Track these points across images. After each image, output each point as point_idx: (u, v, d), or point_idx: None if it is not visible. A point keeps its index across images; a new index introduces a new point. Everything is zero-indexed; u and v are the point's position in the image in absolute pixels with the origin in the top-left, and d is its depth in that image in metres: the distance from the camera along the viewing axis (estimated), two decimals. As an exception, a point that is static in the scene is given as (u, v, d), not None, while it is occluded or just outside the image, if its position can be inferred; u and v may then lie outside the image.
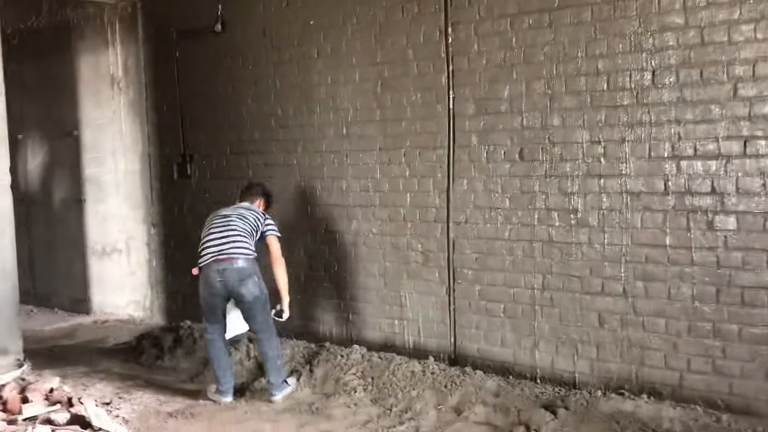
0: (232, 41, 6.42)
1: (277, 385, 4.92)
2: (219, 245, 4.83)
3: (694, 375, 4.32)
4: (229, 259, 4.78)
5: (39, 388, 4.64)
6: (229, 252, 4.80)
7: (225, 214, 5.03)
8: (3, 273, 5.38)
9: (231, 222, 4.94)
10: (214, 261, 4.80)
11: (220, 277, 4.78)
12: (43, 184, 8.21)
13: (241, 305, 4.89)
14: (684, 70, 4.28)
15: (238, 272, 4.78)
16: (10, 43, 6.92)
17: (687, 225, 4.32)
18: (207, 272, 4.84)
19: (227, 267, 4.78)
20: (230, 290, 4.81)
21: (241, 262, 4.79)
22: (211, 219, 5.05)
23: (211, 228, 4.95)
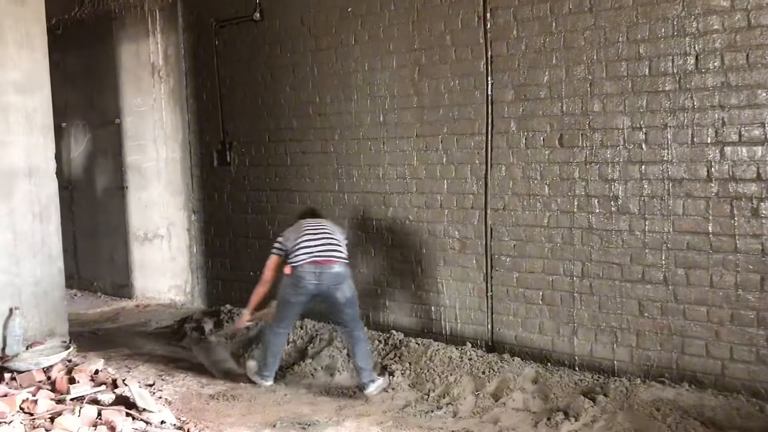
0: (271, 29, 6.47)
1: (368, 372, 4.82)
2: (317, 246, 4.82)
3: (737, 364, 4.26)
4: (328, 262, 4.78)
5: (85, 370, 4.77)
6: (328, 255, 4.80)
7: (316, 223, 5.07)
8: (49, 258, 5.53)
9: (325, 229, 4.98)
10: (312, 262, 4.78)
11: (316, 279, 4.77)
12: (86, 171, 8.39)
13: (331, 305, 4.90)
14: (729, 54, 4.20)
15: (335, 277, 4.79)
16: (54, 34, 7.08)
17: (731, 212, 4.25)
18: (301, 273, 4.78)
19: (324, 270, 4.77)
20: (322, 293, 4.83)
21: (337, 267, 4.80)
22: (302, 227, 5.02)
23: (306, 231, 4.94)
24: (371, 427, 4.24)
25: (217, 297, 7.16)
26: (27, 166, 5.39)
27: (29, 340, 5.35)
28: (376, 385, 4.78)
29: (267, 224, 6.67)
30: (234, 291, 7.01)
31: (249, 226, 6.83)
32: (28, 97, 5.40)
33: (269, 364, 5.03)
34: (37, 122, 5.45)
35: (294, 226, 5.11)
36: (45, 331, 5.48)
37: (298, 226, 5.07)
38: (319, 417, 4.40)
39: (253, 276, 6.76)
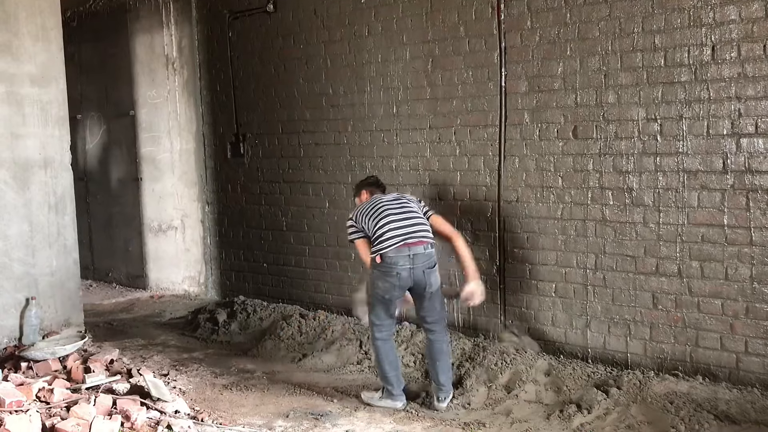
0: (284, 21, 6.47)
1: (447, 388, 4.42)
2: (404, 227, 4.31)
3: (751, 357, 4.23)
4: (420, 242, 4.28)
5: (100, 359, 4.82)
6: (418, 236, 4.30)
7: (393, 197, 4.52)
8: (65, 249, 5.57)
9: (406, 205, 4.45)
10: (404, 245, 4.26)
11: (410, 264, 4.24)
12: (101, 162, 8.44)
13: (421, 295, 4.38)
14: (746, 45, 4.15)
15: (428, 257, 4.30)
16: (69, 26, 7.12)
17: (746, 204, 4.21)
18: (394, 258, 4.25)
19: (418, 252, 4.26)
20: (417, 279, 4.28)
21: (429, 247, 4.33)
22: (376, 204, 4.46)
23: (385, 211, 4.38)
24: (384, 417, 4.25)
25: (231, 288, 7.20)
26: (43, 158, 5.43)
27: (45, 329, 5.40)
28: (449, 400, 4.42)
29: (280, 215, 6.69)
30: (247, 282, 7.05)
31: (262, 217, 6.86)
32: (44, 89, 5.43)
33: (391, 379, 4.41)
34: (52, 114, 5.49)
35: (364, 203, 4.58)
36: (61, 321, 5.53)
37: (370, 204, 4.50)
38: (332, 408, 4.42)
39: (266, 267, 6.83)
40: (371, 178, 4.98)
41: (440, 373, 4.41)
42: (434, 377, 4.45)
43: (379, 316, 4.42)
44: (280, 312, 6.26)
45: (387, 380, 4.42)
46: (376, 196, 4.60)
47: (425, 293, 4.34)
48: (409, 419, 4.22)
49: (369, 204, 4.50)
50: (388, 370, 4.41)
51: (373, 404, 4.44)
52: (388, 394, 4.42)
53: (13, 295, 5.26)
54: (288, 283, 6.68)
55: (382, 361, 4.43)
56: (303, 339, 5.66)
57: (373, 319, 4.46)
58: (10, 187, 5.26)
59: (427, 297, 4.36)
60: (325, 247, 6.35)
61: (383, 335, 4.44)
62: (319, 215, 6.37)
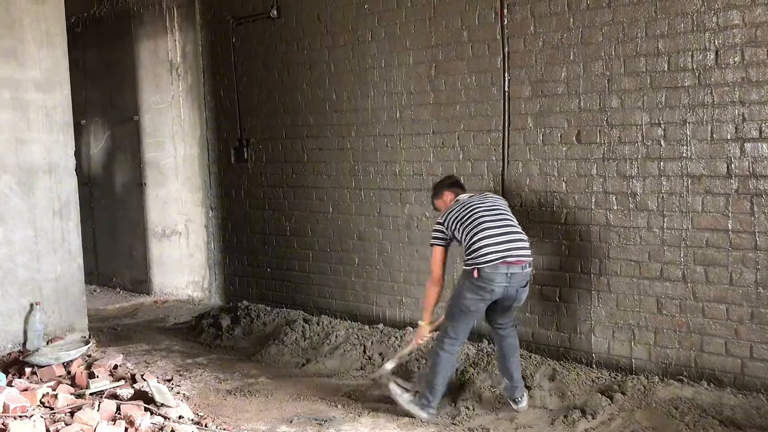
0: (288, 27, 6.48)
1: (521, 384, 4.33)
2: (504, 243, 4.07)
3: (756, 362, 4.22)
4: (519, 261, 4.06)
5: (104, 365, 4.83)
6: (519, 254, 4.07)
7: (490, 204, 4.26)
8: (69, 254, 5.59)
9: (504, 215, 4.22)
10: (503, 263, 4.02)
11: (507, 282, 4.04)
12: (105, 168, 8.46)
13: (504, 305, 4.23)
14: (750, 49, 4.15)
15: (525, 277, 4.12)
16: (73, 32, 7.15)
17: (750, 209, 4.20)
18: (490, 276, 4.01)
19: (517, 272, 4.05)
20: (508, 296, 4.12)
21: (528, 266, 4.14)
22: (471, 210, 4.19)
23: (483, 220, 4.13)
24: (388, 423, 4.24)
25: (235, 293, 7.20)
26: (47, 163, 5.45)
27: (49, 335, 5.41)
28: (527, 399, 4.32)
29: (284, 220, 6.70)
30: (251, 287, 7.05)
31: (266, 222, 6.86)
32: (48, 94, 5.46)
33: (436, 389, 4.22)
34: (57, 120, 5.51)
35: (455, 207, 4.29)
36: (65, 327, 5.55)
37: (463, 208, 4.22)
38: (336, 413, 4.41)
39: (270, 273, 6.83)
40: (451, 177, 4.73)
41: (513, 370, 4.29)
42: (508, 375, 4.29)
43: (457, 330, 4.19)
44: (284, 317, 6.26)
45: (432, 390, 4.23)
46: (470, 200, 4.29)
47: (512, 306, 4.23)
48: (413, 425, 4.21)
49: (462, 208, 4.23)
50: (439, 382, 4.22)
51: (399, 402, 4.32)
52: (422, 401, 4.24)
53: (17, 301, 5.27)
54: (292, 288, 6.68)
55: (438, 372, 4.21)
56: (307, 344, 5.66)
57: (449, 331, 4.20)
58: (14, 193, 5.28)
59: (512, 309, 4.28)
60: (329, 252, 6.35)
61: (454, 348, 4.25)
62: (323, 220, 6.37)
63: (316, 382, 5.02)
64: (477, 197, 4.32)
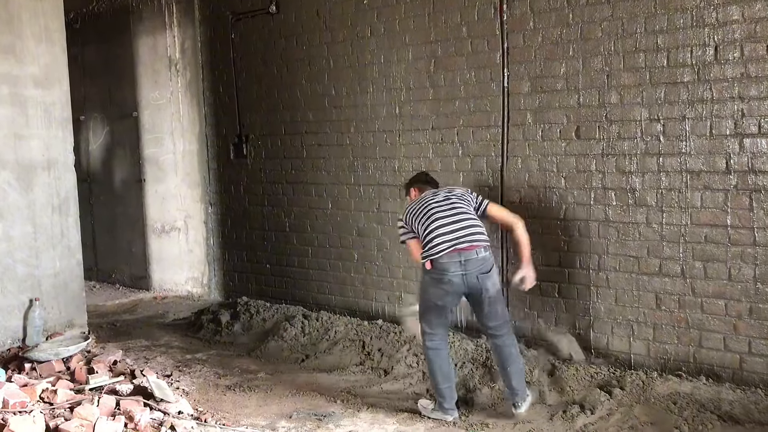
0: (287, 22, 6.47)
1: (522, 392, 4.17)
2: (454, 231, 4.10)
3: (755, 358, 4.22)
4: (471, 247, 4.05)
5: (103, 360, 4.83)
6: (470, 240, 4.07)
7: (443, 197, 4.29)
8: (68, 250, 5.59)
9: (456, 205, 4.23)
10: (454, 250, 4.04)
11: (462, 270, 4.04)
12: (104, 164, 8.46)
13: (478, 301, 4.15)
14: (749, 45, 4.15)
15: (482, 262, 4.07)
16: (72, 27, 7.13)
17: (749, 204, 4.21)
18: (444, 265, 4.05)
19: (470, 257, 4.04)
20: (471, 285, 4.07)
21: (483, 251, 4.09)
22: (424, 205, 4.26)
23: (434, 213, 4.19)
24: (387, 418, 4.25)
25: (234, 289, 7.20)
26: (46, 159, 5.44)
27: (49, 331, 5.42)
28: (527, 404, 4.19)
29: (283, 217, 6.70)
30: (250, 283, 7.06)
31: (265, 218, 6.86)
32: (47, 90, 5.45)
33: (444, 390, 4.19)
34: (55, 116, 5.50)
35: (412, 203, 4.39)
36: (64, 323, 5.55)
37: (418, 204, 4.31)
38: (335, 408, 4.42)
39: (269, 268, 6.84)
40: (421, 174, 4.77)
41: (513, 378, 4.16)
42: (506, 383, 4.21)
43: (431, 323, 4.20)
44: (283, 313, 6.27)
45: (439, 392, 4.21)
46: (425, 195, 4.37)
47: (482, 298, 4.11)
48: (413, 420, 4.21)
49: (417, 204, 4.31)
50: (440, 381, 4.19)
51: (426, 415, 4.24)
52: (440, 406, 4.21)
53: (16, 296, 5.27)
54: (291, 284, 6.68)
55: (435, 371, 4.21)
56: (306, 340, 5.67)
57: (424, 327, 4.23)
58: (13, 189, 5.27)
59: (485, 302, 4.12)
60: (328, 247, 6.35)
61: (435, 344, 4.21)
62: (322, 216, 6.38)
63: (315, 378, 5.03)
64: (437, 194, 4.33)
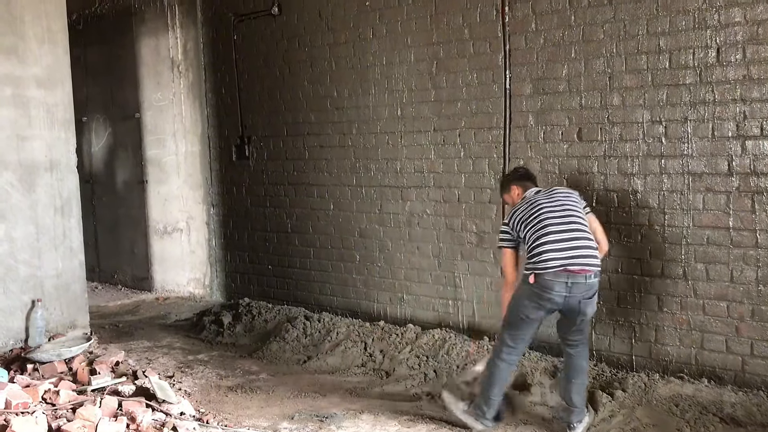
0: (289, 24, 6.48)
1: (579, 410, 3.95)
2: (568, 249, 3.78)
3: (757, 360, 4.22)
4: (583, 271, 3.75)
5: (105, 361, 4.83)
6: (582, 263, 3.76)
7: (557, 201, 3.95)
8: (70, 251, 5.59)
9: (572, 213, 3.90)
10: (563, 270, 3.73)
11: (567, 292, 3.74)
12: (106, 165, 8.47)
13: (570, 320, 3.89)
14: (751, 47, 4.15)
15: (589, 288, 3.78)
16: (75, 29, 7.15)
17: (751, 206, 4.21)
18: (548, 283, 3.74)
19: (578, 281, 3.73)
20: (570, 307, 3.80)
21: (593, 276, 3.78)
22: (536, 209, 3.93)
23: (547, 220, 3.85)
24: (389, 420, 4.25)
25: (236, 290, 7.21)
26: (49, 160, 5.45)
27: (51, 331, 5.42)
28: (583, 426, 3.97)
29: (285, 218, 6.70)
30: (252, 284, 7.06)
31: (267, 219, 6.87)
32: (50, 91, 5.46)
33: (493, 402, 3.97)
34: (58, 117, 5.51)
35: (520, 205, 4.03)
36: (66, 323, 5.55)
37: (527, 206, 3.97)
38: (337, 410, 4.42)
39: (271, 270, 6.84)
40: (520, 170, 4.39)
41: (574, 392, 3.94)
42: (566, 396, 3.97)
43: (516, 338, 3.92)
44: (285, 314, 6.27)
45: (487, 401, 3.98)
46: (535, 197, 4.02)
47: (576, 320, 3.86)
48: (414, 422, 4.21)
49: (526, 206, 3.97)
50: (495, 393, 3.97)
51: (453, 411, 4.11)
52: (478, 413, 4.01)
53: (19, 297, 5.28)
54: (293, 285, 6.69)
55: (494, 382, 3.97)
56: (308, 341, 5.67)
57: (506, 338, 3.95)
58: (16, 190, 5.28)
59: (577, 324, 3.88)
60: (330, 249, 6.36)
61: (510, 359, 3.97)
62: (324, 217, 6.38)
63: (317, 379, 5.03)
64: (544, 194, 4.03)
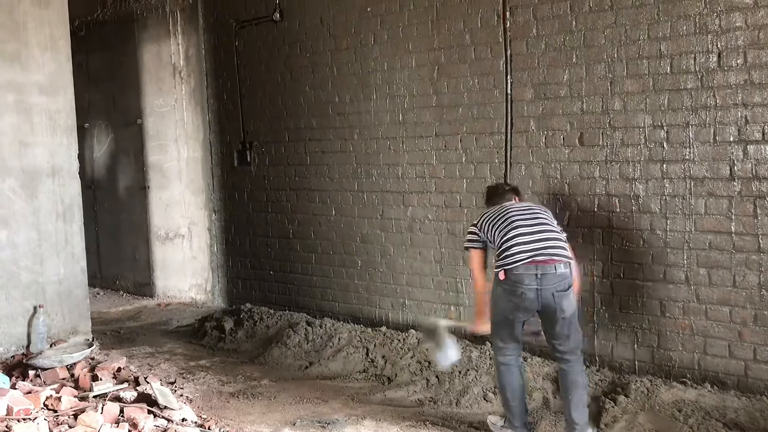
0: (290, 30, 6.49)
1: (581, 426, 3.87)
2: (534, 242, 3.85)
3: (760, 365, 4.21)
4: (551, 260, 3.80)
5: (107, 367, 4.83)
6: (549, 252, 3.82)
7: (524, 206, 4.11)
8: (72, 256, 5.60)
9: (539, 215, 4.00)
10: (531, 262, 3.79)
11: (537, 284, 3.78)
12: (108, 171, 8.48)
13: (551, 320, 3.88)
14: (752, 52, 4.15)
15: (560, 279, 3.80)
16: (77, 35, 7.17)
17: (754, 211, 4.20)
18: (518, 277, 3.80)
19: (547, 272, 3.78)
20: (545, 302, 3.81)
21: (562, 267, 3.82)
22: (504, 212, 4.04)
23: (513, 218, 3.97)
24: (391, 426, 4.24)
25: (238, 296, 7.20)
26: (51, 166, 5.46)
27: (53, 337, 5.42)
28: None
29: (287, 223, 6.70)
30: (254, 290, 7.06)
31: (269, 225, 6.87)
32: (52, 98, 5.47)
33: (513, 408, 4.00)
34: (60, 123, 5.52)
35: (490, 210, 4.15)
36: (68, 329, 5.55)
37: (497, 211, 4.09)
38: (339, 416, 4.41)
39: (273, 275, 6.84)
40: (502, 185, 4.49)
41: (572, 409, 3.88)
42: (565, 413, 3.95)
43: (503, 337, 3.99)
44: (287, 320, 6.27)
45: (508, 408, 4.03)
46: (505, 204, 4.16)
47: (556, 318, 3.84)
48: (416, 428, 4.20)
49: (496, 211, 4.09)
50: (509, 398, 4.00)
51: (494, 431, 4.14)
52: (510, 423, 4.04)
53: (20, 303, 5.28)
54: (294, 291, 6.68)
55: (504, 387, 4.02)
56: (310, 347, 5.66)
57: (497, 341, 4.04)
58: (18, 196, 5.29)
59: (558, 323, 3.85)
60: (332, 254, 6.35)
61: (507, 359, 4.01)
62: (326, 222, 6.38)
63: (319, 385, 5.02)
64: (518, 204, 4.17)
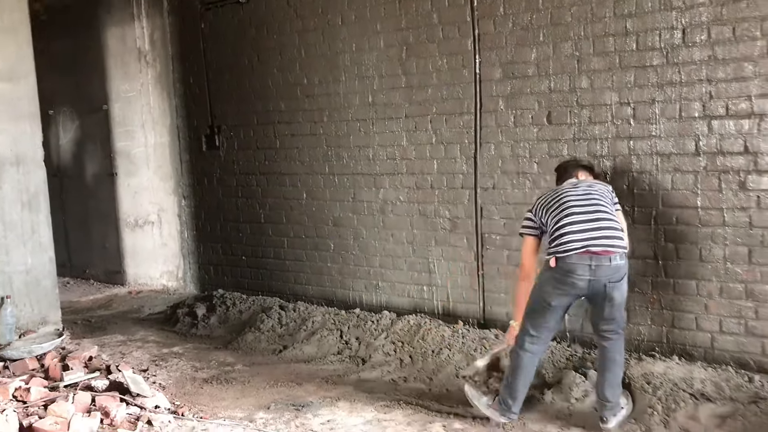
0: (257, 11, 6.41)
1: (613, 405, 3.82)
2: (591, 231, 3.70)
3: (725, 336, 4.29)
4: (606, 252, 3.65)
5: (78, 357, 4.78)
6: (605, 243, 3.67)
7: (582, 191, 3.89)
8: (40, 246, 5.51)
9: (597, 200, 3.82)
10: (585, 252, 3.65)
11: (591, 275, 3.64)
12: (74, 158, 8.34)
13: (599, 305, 3.78)
14: (716, 28, 4.19)
15: (615, 271, 3.68)
16: (39, 20, 7.00)
17: (719, 186, 4.26)
18: (571, 266, 3.66)
19: (601, 263, 3.64)
20: (595, 291, 3.70)
21: (618, 258, 3.68)
22: (560, 196, 3.88)
23: (569, 206, 3.80)
24: (365, 406, 4.26)
25: (210, 282, 7.16)
26: (14, 155, 5.35)
27: (22, 328, 5.34)
28: (618, 419, 3.85)
29: (258, 208, 6.66)
30: (226, 276, 7.02)
31: (239, 210, 6.82)
32: (13, 84, 5.35)
33: (517, 393, 3.90)
34: (23, 110, 5.41)
35: (546, 194, 4.01)
36: (37, 320, 5.48)
37: (553, 195, 3.93)
38: (313, 398, 4.42)
39: (245, 260, 6.80)
40: (573, 161, 4.31)
41: (606, 387, 3.82)
42: (599, 390, 3.88)
43: (538, 326, 3.84)
44: (260, 304, 6.25)
45: (512, 393, 3.90)
46: (564, 186, 3.99)
47: (604, 305, 3.74)
48: (390, 408, 4.22)
49: (552, 195, 3.93)
50: (520, 387, 3.89)
51: (476, 405, 4.01)
52: (502, 407, 3.93)
53: (-13, 294, 5.20)
54: (267, 276, 6.66)
55: (518, 374, 3.89)
56: (283, 331, 5.66)
57: (529, 327, 3.87)
58: (-19, 185, 5.18)
59: (606, 308, 3.75)
60: (304, 238, 6.33)
61: (534, 348, 3.88)
62: (297, 206, 6.35)
63: (293, 369, 5.02)
64: (571, 184, 3.99)
